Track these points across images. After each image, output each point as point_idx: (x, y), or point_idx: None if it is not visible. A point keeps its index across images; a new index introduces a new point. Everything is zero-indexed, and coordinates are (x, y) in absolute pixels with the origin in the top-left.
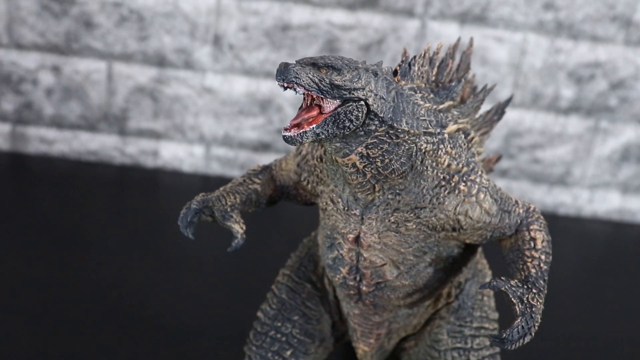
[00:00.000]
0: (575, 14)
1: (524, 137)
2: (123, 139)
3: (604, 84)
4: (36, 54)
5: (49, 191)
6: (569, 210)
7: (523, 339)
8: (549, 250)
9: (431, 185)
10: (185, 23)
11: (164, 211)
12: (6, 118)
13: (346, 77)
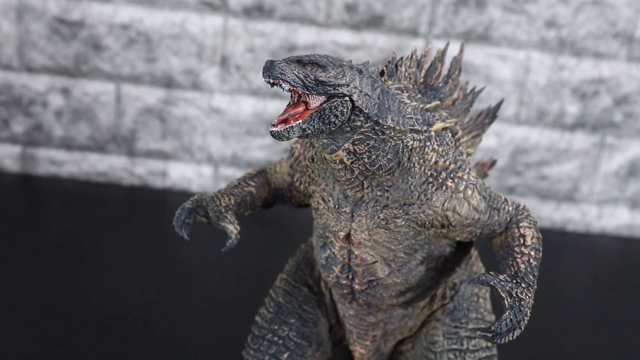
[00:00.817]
0: (577, 32)
1: (530, 154)
2: (132, 160)
3: (608, 99)
4: (46, 76)
5: (59, 212)
6: (578, 227)
7: (512, 332)
8: (539, 247)
9: (419, 181)
10: (193, 45)
11: (173, 231)
12: (17, 140)
13: (330, 74)
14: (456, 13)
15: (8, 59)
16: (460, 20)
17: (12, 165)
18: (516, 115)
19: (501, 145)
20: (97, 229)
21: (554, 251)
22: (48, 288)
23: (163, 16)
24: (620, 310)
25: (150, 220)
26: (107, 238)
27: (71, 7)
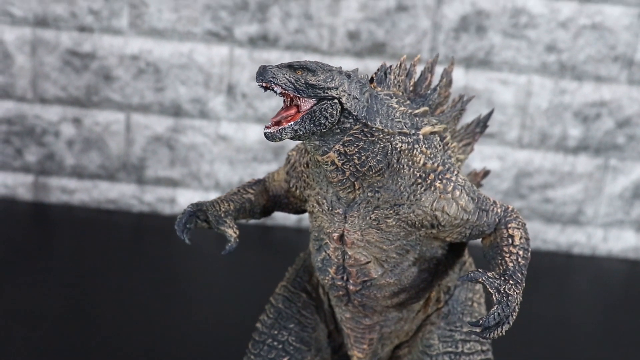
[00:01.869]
0: (577, 56)
1: (534, 177)
2: (141, 188)
3: (610, 122)
4: (58, 107)
5: (71, 239)
6: (584, 250)
7: (501, 327)
8: (527, 247)
9: (408, 182)
10: (200, 74)
11: (182, 256)
12: (29, 169)
13: (320, 78)
14: (457, 39)
15: (22, 91)
16: (461, 46)
17: (25, 193)
18: (519, 138)
19: (504, 168)
20: (107, 255)
21: (560, 274)
22: (60, 311)
23: (171, 47)
24: (628, 333)
25: (159, 246)
26: (117, 264)
27: (83, 40)
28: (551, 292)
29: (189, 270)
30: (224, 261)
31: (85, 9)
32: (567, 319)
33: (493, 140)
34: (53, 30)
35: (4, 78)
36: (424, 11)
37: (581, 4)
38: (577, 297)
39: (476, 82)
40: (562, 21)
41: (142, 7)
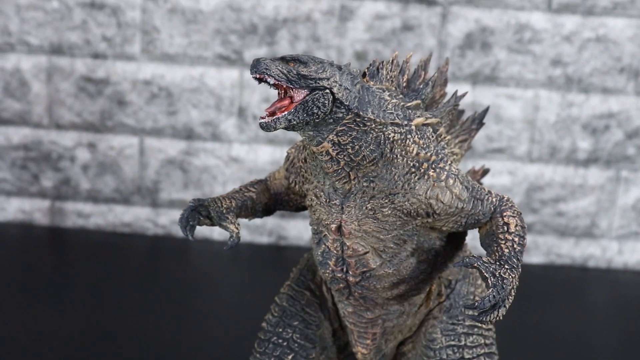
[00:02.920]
0: (583, 68)
1: (545, 191)
2: (155, 211)
3: (620, 133)
4: (73, 132)
5: (87, 262)
6: (599, 263)
7: (497, 310)
8: (523, 234)
9: (402, 172)
10: (211, 97)
11: (196, 278)
12: (46, 194)
13: (312, 69)
14: (463, 56)
15: (39, 118)
16: (467, 62)
17: (41, 218)
18: (528, 153)
19: (515, 183)
20: (122, 278)
21: (576, 288)
22: (78, 333)
23: (183, 71)
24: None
25: (174, 268)
26: (133, 286)
27: (97, 66)
28: (568, 306)
29: (203, 291)
30: (238, 281)
31: (98, 36)
32: (585, 333)
33: (503, 155)
34: (68, 57)
35: (20, 105)
36: (429, 30)
37: (584, 17)
38: (594, 311)
39: (483, 98)
40: (566, 35)
41: (154, 33)
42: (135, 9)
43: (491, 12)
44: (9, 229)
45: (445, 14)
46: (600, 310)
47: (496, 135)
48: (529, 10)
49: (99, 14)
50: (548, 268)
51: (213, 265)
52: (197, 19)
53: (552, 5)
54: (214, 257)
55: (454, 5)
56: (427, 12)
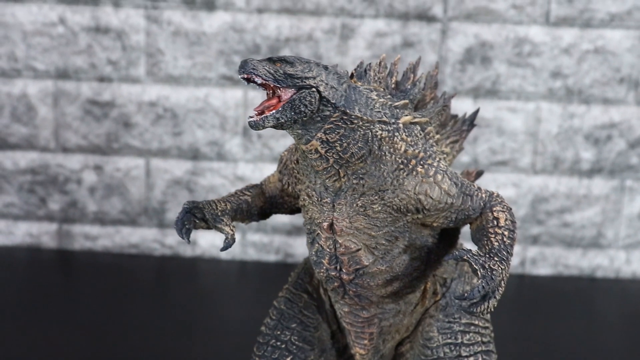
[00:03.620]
0: (583, 80)
1: (550, 202)
2: (162, 231)
3: (622, 143)
4: (80, 155)
5: (95, 284)
6: (607, 273)
7: (487, 301)
8: (513, 228)
9: (391, 168)
10: (216, 117)
11: (204, 297)
12: (53, 217)
13: (298, 68)
14: (463, 71)
15: (45, 141)
16: (468, 77)
17: (49, 241)
18: (532, 164)
19: (520, 195)
20: (131, 299)
21: (585, 298)
22: (87, 355)
23: (187, 92)
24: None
25: (181, 288)
26: (141, 307)
27: (102, 89)
28: (577, 317)
29: (211, 310)
30: (246, 300)
31: (104, 60)
32: (595, 343)
33: (506, 167)
34: (74, 81)
35: (27, 129)
36: (430, 46)
37: (582, 30)
38: (604, 321)
39: (485, 111)
40: (564, 47)
41: (159, 56)
42: (140, 32)
43: (490, 27)
44: (17, 253)
45: (445, 30)
46: (610, 320)
47: (499, 148)
48: (527, 24)
49: (104, 38)
50: (556, 279)
51: (220, 284)
52: (201, 41)
53: (550, 18)
54: (222, 276)
55: (453, 21)
56: (427, 28)
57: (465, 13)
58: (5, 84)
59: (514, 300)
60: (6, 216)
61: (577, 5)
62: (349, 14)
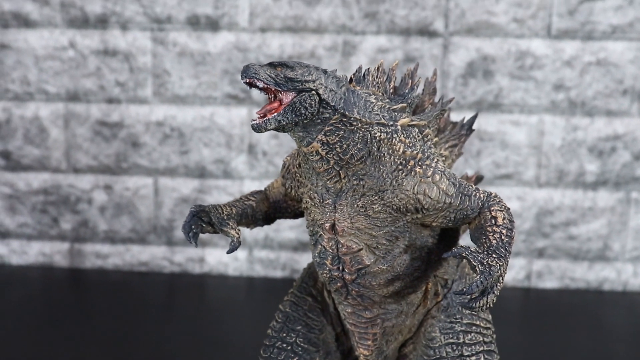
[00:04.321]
0: (585, 92)
1: (555, 215)
2: (171, 249)
3: (627, 155)
4: (90, 175)
5: (106, 301)
6: (615, 285)
7: (486, 296)
8: (511, 227)
9: (390, 169)
10: (222, 135)
11: (213, 312)
12: (65, 237)
13: (297, 72)
14: (465, 85)
15: (57, 162)
16: (470, 91)
17: (61, 260)
18: (536, 177)
19: (525, 208)
20: (141, 315)
21: (593, 311)
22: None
23: (194, 111)
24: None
25: (191, 304)
26: (151, 323)
27: (111, 111)
28: (585, 330)
29: (220, 325)
30: (253, 315)
31: (112, 82)
32: (603, 357)
33: (511, 180)
34: (84, 103)
35: (40, 151)
36: (432, 61)
37: (584, 42)
38: (612, 334)
39: (488, 125)
40: (566, 60)
41: (165, 76)
42: (146, 54)
43: (491, 41)
44: (31, 272)
45: (447, 45)
46: (618, 333)
47: (503, 162)
48: (529, 37)
49: (112, 61)
50: (563, 292)
51: (228, 300)
52: (206, 61)
53: (552, 31)
54: (229, 292)
55: (454, 36)
56: (429, 43)
57: (466, 27)
58: (19, 107)
59: (521, 313)
60: (20, 236)
61: (579, 18)
62: (350, 30)
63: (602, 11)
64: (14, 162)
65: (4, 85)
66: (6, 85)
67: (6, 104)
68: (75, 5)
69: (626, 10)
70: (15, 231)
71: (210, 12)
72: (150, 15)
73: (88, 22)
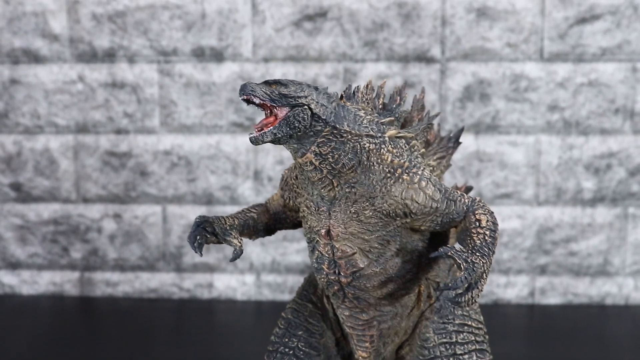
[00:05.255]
0: (579, 112)
1: (555, 232)
2: (180, 275)
3: (622, 172)
4: (100, 205)
5: (116, 329)
6: (617, 300)
7: (470, 291)
8: (494, 229)
9: (379, 177)
10: (228, 163)
11: (222, 337)
12: (75, 266)
13: (291, 89)
14: (463, 108)
15: (67, 193)
16: (468, 113)
17: (72, 289)
18: (535, 196)
19: (525, 226)
20: (152, 341)
21: (596, 327)
22: None
23: (200, 140)
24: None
25: (200, 330)
26: (162, 348)
27: (119, 141)
28: (590, 344)
29: (230, 349)
30: (262, 338)
31: (120, 113)
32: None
33: (510, 200)
34: (93, 134)
35: (50, 182)
36: (430, 86)
37: (575, 64)
38: (617, 347)
39: (486, 146)
40: (559, 82)
41: (172, 107)
42: (153, 85)
43: (487, 65)
44: (42, 301)
45: (444, 70)
46: (623, 345)
47: (502, 181)
48: (522, 61)
49: (120, 93)
50: (566, 308)
51: (238, 324)
52: (211, 91)
53: (544, 54)
54: (238, 316)
55: (451, 61)
56: (427, 69)
57: (462, 53)
58: (29, 140)
59: (526, 329)
60: (31, 266)
61: (569, 41)
62: (351, 58)
63: (591, 34)
64: (25, 193)
65: (15, 119)
66: (17, 119)
67: (17, 137)
68: (84, 41)
69: (614, 32)
70: (26, 261)
71: (215, 44)
72: (157, 48)
73: (96, 56)
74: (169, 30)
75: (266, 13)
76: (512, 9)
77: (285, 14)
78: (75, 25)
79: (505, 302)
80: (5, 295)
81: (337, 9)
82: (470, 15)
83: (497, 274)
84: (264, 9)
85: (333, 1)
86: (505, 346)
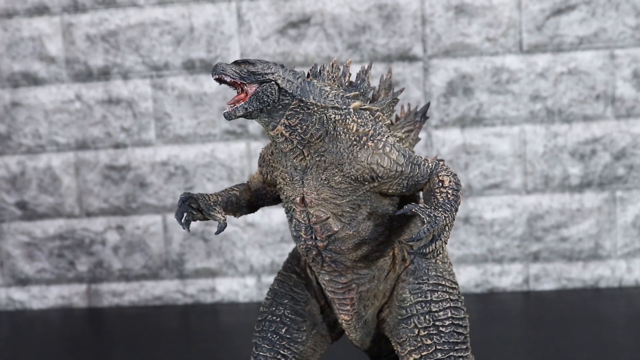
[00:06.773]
0: (561, 100)
1: (545, 219)
2: (183, 282)
3: (607, 156)
4: (103, 218)
5: (124, 337)
6: (610, 283)
7: (434, 242)
8: (457, 188)
9: (346, 145)
10: (223, 169)
11: (226, 339)
12: (82, 279)
13: (258, 67)
14: (447, 103)
15: (71, 208)
16: (453, 108)
17: (79, 301)
18: (524, 185)
19: (516, 215)
20: (159, 347)
21: (592, 310)
22: None
23: (195, 149)
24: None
25: (205, 333)
26: (169, 353)
27: (118, 155)
28: (587, 327)
29: (234, 351)
30: None
31: (118, 128)
32: (605, 352)
33: (500, 190)
34: (92, 150)
35: (54, 199)
36: (414, 83)
37: (554, 54)
38: (613, 329)
39: (472, 139)
40: (540, 72)
41: (166, 119)
42: (148, 99)
43: (468, 60)
44: (52, 315)
45: (427, 67)
46: (618, 327)
47: (490, 172)
48: (503, 54)
49: (117, 108)
50: (561, 293)
51: (241, 326)
52: (203, 101)
53: (523, 47)
54: (241, 317)
55: (433, 59)
56: (410, 67)
57: (443, 50)
58: (32, 160)
59: (522, 316)
60: (39, 282)
61: (547, 32)
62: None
63: (567, 24)
64: (30, 211)
65: (18, 140)
66: (19, 140)
67: (20, 157)
68: (79, 61)
69: (590, 21)
70: (34, 277)
71: (204, 56)
72: (149, 63)
73: (92, 75)
74: (160, 46)
75: (251, 23)
76: (490, 4)
77: (269, 22)
78: (71, 47)
79: (500, 290)
80: (17, 311)
81: (319, 15)
82: (449, 12)
83: (492, 263)
84: (249, 19)
85: (315, 7)
86: (503, 332)
